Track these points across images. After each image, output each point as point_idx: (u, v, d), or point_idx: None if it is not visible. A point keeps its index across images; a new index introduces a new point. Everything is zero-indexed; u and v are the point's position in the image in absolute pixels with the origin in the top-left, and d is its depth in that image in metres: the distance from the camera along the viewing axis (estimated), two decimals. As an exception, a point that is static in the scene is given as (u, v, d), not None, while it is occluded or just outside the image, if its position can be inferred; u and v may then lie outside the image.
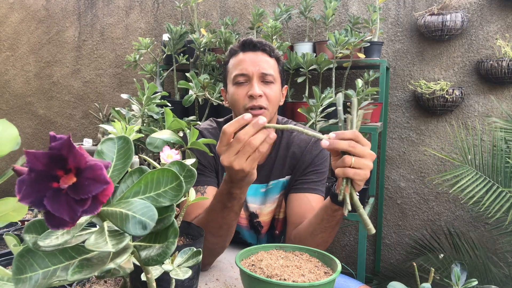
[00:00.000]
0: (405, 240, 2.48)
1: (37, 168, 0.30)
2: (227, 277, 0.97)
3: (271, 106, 1.14)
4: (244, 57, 1.15)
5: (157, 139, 0.86)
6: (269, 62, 1.15)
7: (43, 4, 3.29)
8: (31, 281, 0.37)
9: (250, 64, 1.13)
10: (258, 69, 1.12)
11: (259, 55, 1.15)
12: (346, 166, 0.79)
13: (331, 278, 0.68)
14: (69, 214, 0.30)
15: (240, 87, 1.14)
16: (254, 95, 1.10)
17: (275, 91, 1.15)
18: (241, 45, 1.17)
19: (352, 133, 0.80)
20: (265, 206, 1.23)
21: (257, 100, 1.11)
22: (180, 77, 2.75)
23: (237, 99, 1.14)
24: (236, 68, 1.15)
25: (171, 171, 0.40)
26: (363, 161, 0.80)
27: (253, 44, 1.16)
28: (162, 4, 2.94)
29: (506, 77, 2.13)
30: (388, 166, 2.48)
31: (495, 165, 1.96)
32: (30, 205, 0.31)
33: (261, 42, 1.16)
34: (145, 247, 0.41)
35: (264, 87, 1.13)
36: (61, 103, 3.30)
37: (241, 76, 1.13)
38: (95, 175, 0.31)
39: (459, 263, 0.66)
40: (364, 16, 2.44)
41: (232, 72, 1.16)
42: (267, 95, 1.13)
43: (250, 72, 1.12)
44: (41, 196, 0.30)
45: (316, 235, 0.99)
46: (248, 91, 1.12)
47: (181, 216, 0.78)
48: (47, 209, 0.30)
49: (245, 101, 1.12)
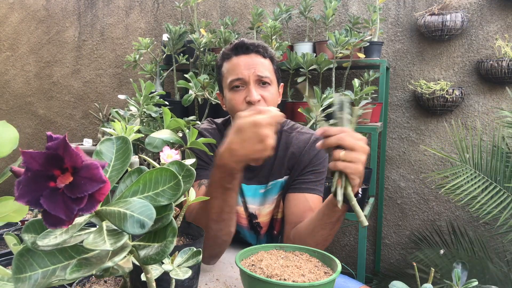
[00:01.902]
0: (405, 240, 2.48)
1: (33, 168, 0.30)
2: (227, 277, 0.97)
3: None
4: (238, 61, 1.13)
5: (156, 139, 0.86)
6: (264, 64, 1.14)
7: (43, 4, 3.29)
8: (31, 280, 0.37)
9: (245, 67, 1.12)
10: (254, 72, 1.11)
11: (253, 57, 1.14)
12: (336, 160, 0.80)
13: (331, 278, 0.68)
14: (65, 213, 0.30)
15: (237, 92, 1.13)
16: (252, 101, 1.10)
17: (272, 92, 1.15)
18: (234, 49, 1.15)
19: (339, 129, 0.82)
20: (264, 207, 1.23)
21: (255, 105, 1.10)
22: (180, 77, 2.76)
23: (235, 104, 1.13)
24: (231, 73, 1.13)
25: (169, 170, 0.40)
26: (353, 154, 0.80)
27: (246, 46, 1.14)
28: (162, 4, 2.94)
29: (506, 77, 2.13)
30: (388, 166, 2.48)
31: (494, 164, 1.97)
32: (26, 204, 0.31)
33: (254, 44, 1.15)
34: (144, 247, 0.41)
35: (262, 90, 1.12)
36: (61, 103, 3.30)
37: (237, 81, 1.12)
38: (91, 174, 0.31)
39: (459, 262, 0.66)
40: (364, 16, 2.44)
41: (227, 77, 1.14)
42: (265, 98, 1.12)
43: (246, 76, 1.11)
44: (38, 195, 0.30)
45: (317, 232, 0.99)
46: (246, 96, 1.11)
47: (181, 216, 0.78)
48: (44, 208, 0.30)
49: (243, 107, 1.11)
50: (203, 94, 1.92)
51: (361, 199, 1.88)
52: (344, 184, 0.82)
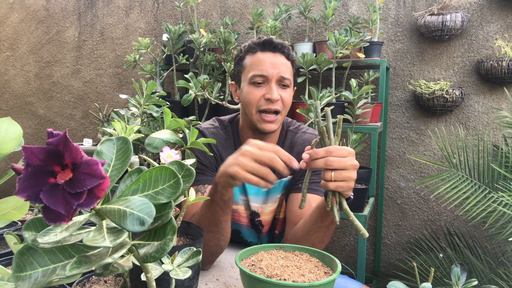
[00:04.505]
0: (405, 240, 2.48)
1: (34, 163, 0.31)
2: (227, 277, 0.97)
3: (285, 110, 1.16)
4: (264, 57, 1.14)
5: (156, 139, 0.86)
6: (287, 65, 1.15)
7: (43, 4, 3.29)
8: (31, 279, 0.37)
9: (270, 66, 1.13)
10: (278, 72, 1.13)
11: (278, 57, 1.15)
12: (327, 181, 0.81)
13: (331, 278, 0.68)
14: (65, 208, 0.30)
15: (257, 88, 1.14)
16: (273, 99, 1.11)
17: (290, 95, 1.17)
18: (261, 44, 1.16)
19: (325, 152, 0.81)
20: (267, 205, 1.23)
21: (273, 103, 1.12)
22: (180, 77, 2.76)
23: (252, 99, 1.13)
24: (255, 68, 1.14)
25: (169, 169, 0.41)
26: (344, 173, 0.81)
27: (273, 45, 1.15)
28: (162, 4, 2.94)
29: (506, 77, 2.13)
30: (388, 166, 2.48)
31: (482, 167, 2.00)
32: (26, 199, 0.31)
33: (282, 44, 1.16)
34: (144, 245, 0.41)
35: (281, 91, 1.14)
36: (61, 103, 3.30)
37: (259, 77, 1.13)
38: (90, 169, 0.31)
39: (459, 263, 0.66)
40: (364, 16, 2.44)
41: (250, 71, 1.15)
42: (283, 99, 1.14)
43: (270, 74, 1.12)
44: (38, 191, 0.31)
45: (312, 234, 0.99)
46: (265, 93, 1.12)
47: (181, 216, 0.78)
48: (43, 203, 0.30)
49: (260, 103, 1.13)
50: (203, 94, 1.92)
51: (361, 199, 1.88)
52: (339, 200, 0.83)
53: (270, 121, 1.13)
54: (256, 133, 1.18)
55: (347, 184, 0.81)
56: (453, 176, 2.03)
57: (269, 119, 1.13)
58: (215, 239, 0.97)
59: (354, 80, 1.87)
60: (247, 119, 1.18)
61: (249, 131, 1.20)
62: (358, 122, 2.01)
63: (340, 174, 0.80)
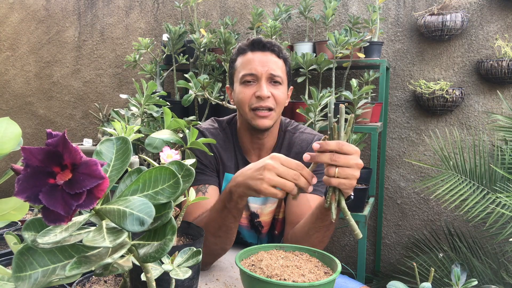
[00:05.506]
0: (405, 240, 2.48)
1: (33, 164, 0.31)
2: (227, 277, 0.97)
3: (278, 107, 1.16)
4: (253, 56, 1.15)
5: (156, 139, 0.86)
6: (277, 63, 1.16)
7: (43, 4, 3.29)
8: (31, 279, 0.37)
9: (259, 64, 1.13)
10: (267, 70, 1.13)
11: (268, 55, 1.15)
12: (330, 176, 0.81)
13: (331, 278, 0.68)
14: (64, 208, 0.30)
15: (248, 87, 1.14)
16: (262, 96, 1.11)
17: (282, 92, 1.16)
18: (250, 44, 1.17)
19: (336, 144, 0.80)
20: (266, 206, 1.23)
21: (264, 101, 1.12)
22: (180, 77, 2.76)
23: (244, 98, 1.14)
24: (245, 68, 1.15)
25: (168, 169, 0.40)
26: (347, 171, 0.80)
27: (262, 44, 1.16)
28: (162, 4, 2.94)
29: (506, 77, 2.13)
30: (388, 166, 2.48)
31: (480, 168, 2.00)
32: (26, 200, 0.31)
33: (271, 43, 1.16)
34: (144, 245, 0.41)
35: (272, 88, 1.14)
36: (61, 103, 3.30)
37: (249, 76, 1.14)
38: (90, 170, 0.31)
39: (459, 263, 0.66)
40: (364, 16, 2.44)
41: (240, 71, 1.16)
42: (274, 96, 1.14)
43: (259, 72, 1.13)
44: (37, 191, 0.30)
45: (311, 235, 0.99)
46: (256, 91, 1.13)
47: (181, 216, 0.78)
48: (43, 204, 0.30)
49: (251, 101, 1.13)
50: (203, 94, 1.92)
51: (361, 199, 1.88)
52: (338, 198, 0.83)
53: (263, 117, 1.13)
54: (253, 133, 1.18)
55: (349, 182, 0.81)
56: (451, 177, 2.03)
57: (262, 114, 1.12)
58: (222, 243, 0.98)
59: (355, 80, 1.87)
60: (243, 119, 1.18)
61: (247, 131, 1.20)
62: (358, 122, 2.01)
63: (344, 171, 0.80)
